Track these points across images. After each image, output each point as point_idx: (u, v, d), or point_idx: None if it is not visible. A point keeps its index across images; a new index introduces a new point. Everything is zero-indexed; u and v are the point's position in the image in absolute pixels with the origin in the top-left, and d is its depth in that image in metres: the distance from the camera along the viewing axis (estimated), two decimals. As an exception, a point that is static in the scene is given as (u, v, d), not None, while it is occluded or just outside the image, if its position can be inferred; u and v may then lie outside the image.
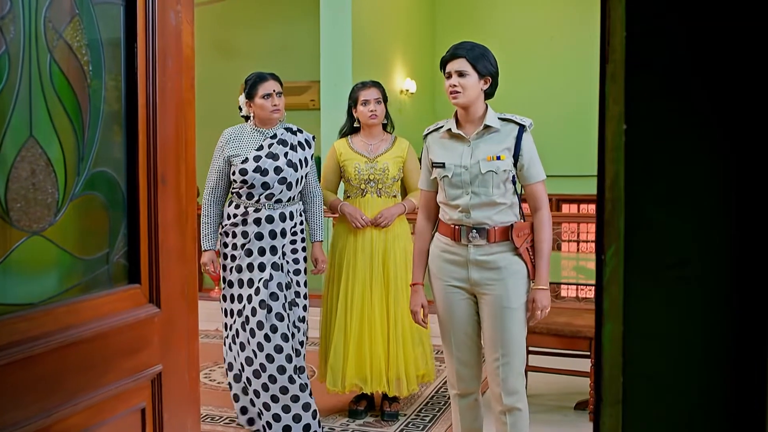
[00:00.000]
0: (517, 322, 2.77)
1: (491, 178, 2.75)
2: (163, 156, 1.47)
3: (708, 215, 1.04)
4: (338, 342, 3.84)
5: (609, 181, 1.10)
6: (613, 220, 1.11)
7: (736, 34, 1.01)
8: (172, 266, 1.53)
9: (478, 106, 2.83)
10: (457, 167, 2.78)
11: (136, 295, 1.46)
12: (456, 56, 2.83)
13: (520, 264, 2.78)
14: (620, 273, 1.10)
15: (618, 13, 1.09)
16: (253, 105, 3.60)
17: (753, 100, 1.00)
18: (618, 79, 1.09)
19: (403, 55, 8.33)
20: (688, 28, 1.03)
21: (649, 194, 1.07)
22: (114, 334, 1.39)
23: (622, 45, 1.07)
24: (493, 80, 2.85)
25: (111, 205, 1.41)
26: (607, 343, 1.13)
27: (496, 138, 2.79)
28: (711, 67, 1.02)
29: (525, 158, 2.79)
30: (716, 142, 1.02)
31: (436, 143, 2.92)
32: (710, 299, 1.04)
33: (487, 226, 2.76)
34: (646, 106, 1.07)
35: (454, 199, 2.80)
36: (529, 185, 2.84)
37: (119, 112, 1.41)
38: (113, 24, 1.39)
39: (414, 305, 2.97)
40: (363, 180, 3.88)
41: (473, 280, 2.79)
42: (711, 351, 1.04)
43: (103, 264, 1.39)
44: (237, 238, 3.54)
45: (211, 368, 4.99)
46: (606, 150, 1.11)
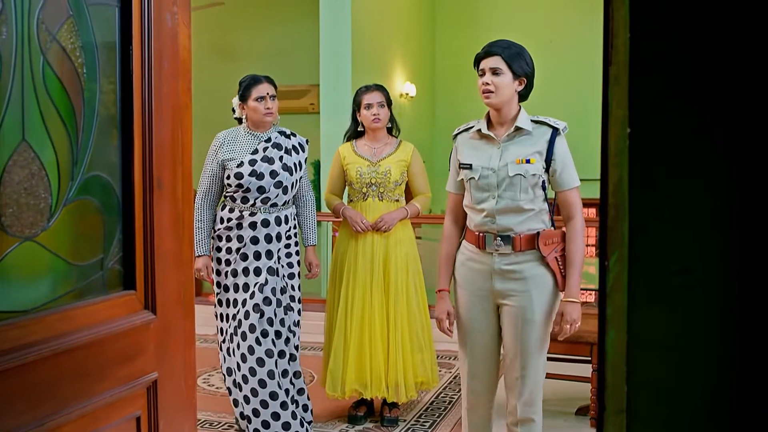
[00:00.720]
0: (539, 336, 2.67)
1: (519, 182, 2.64)
2: (159, 160, 1.45)
3: (712, 222, 1.02)
4: (338, 347, 3.82)
5: (612, 186, 1.08)
6: (616, 226, 1.09)
7: (743, 36, 0.99)
8: (168, 272, 1.51)
9: (512, 107, 2.72)
10: (485, 169, 2.68)
11: (131, 302, 1.43)
12: (490, 53, 2.70)
13: (547, 275, 2.67)
14: (624, 280, 1.08)
15: (621, 14, 1.07)
16: (246, 107, 3.58)
17: (760, 104, 0.98)
18: (621, 82, 1.07)
19: (403, 59, 8.32)
20: (693, 29, 1.01)
21: (652, 200, 1.05)
22: (108, 341, 1.36)
23: (626, 47, 1.05)
24: (528, 81, 2.73)
25: (106, 210, 1.38)
26: (610, 350, 1.11)
27: (527, 140, 2.68)
28: (717, 70, 1.00)
29: (558, 163, 2.67)
30: (721, 146, 1.00)
31: (465, 144, 2.81)
32: (714, 306, 1.02)
33: (513, 233, 2.65)
34: (651, 109, 1.04)
35: (479, 203, 2.70)
36: (562, 192, 2.72)
37: (114, 115, 1.38)
38: (108, 26, 1.36)
39: (440, 312, 2.84)
40: (365, 183, 3.86)
41: (496, 291, 2.69)
42: (715, 359, 1.02)
43: (98, 270, 1.37)
44: (232, 242, 3.52)
45: (210, 373, 4.96)
46: (609, 154, 1.09)
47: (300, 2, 9.06)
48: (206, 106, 9.62)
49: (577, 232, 2.68)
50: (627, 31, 1.05)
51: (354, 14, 6.82)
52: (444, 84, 9.39)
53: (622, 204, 1.07)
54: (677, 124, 1.03)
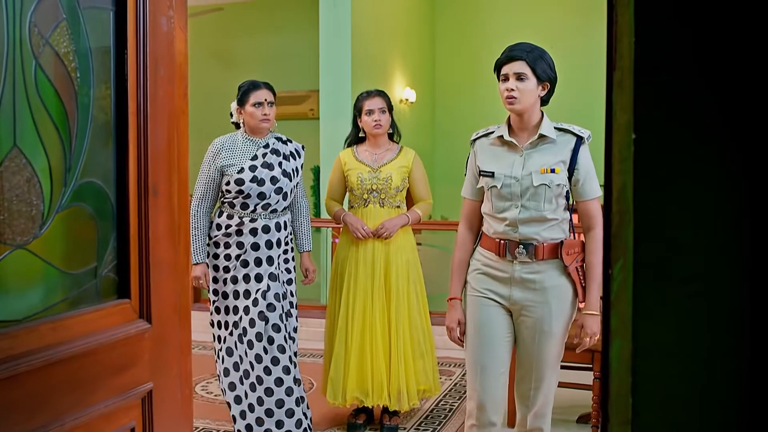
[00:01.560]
0: (555, 348, 2.61)
1: (543, 192, 2.56)
2: (154, 166, 1.43)
3: (721, 228, 0.99)
4: (339, 354, 3.79)
5: (616, 193, 1.06)
6: (620, 233, 1.06)
7: (749, 40, 0.97)
8: (164, 280, 1.48)
9: (534, 113, 2.63)
10: (508, 178, 2.59)
11: (126, 311, 1.40)
12: (514, 58, 2.60)
13: (567, 286, 2.61)
14: (629, 288, 1.05)
15: (626, 18, 1.05)
16: (244, 112, 3.57)
17: (767, 108, 0.96)
18: (625, 87, 1.05)
19: (403, 64, 8.31)
20: (699, 33, 0.99)
21: (658, 206, 1.02)
22: (102, 351, 1.34)
23: (630, 51, 1.03)
24: (551, 86, 2.65)
25: (99, 217, 1.36)
26: (615, 361, 1.08)
27: (552, 149, 2.60)
28: (723, 74, 0.98)
29: (581, 172, 2.60)
30: (729, 151, 0.98)
31: (484, 150, 2.71)
32: (723, 315, 1.00)
33: (535, 242, 2.57)
34: (656, 114, 1.02)
35: (501, 212, 2.61)
36: (584, 202, 2.65)
37: (108, 120, 1.36)
38: (102, 29, 1.34)
39: (450, 321, 2.74)
40: (366, 190, 3.83)
41: (514, 300, 2.61)
42: (724, 369, 0.99)
43: (91, 278, 1.34)
44: (231, 249, 3.49)
45: (209, 381, 4.93)
46: (613, 161, 1.07)
47: (300, 7, 9.06)
48: (205, 112, 9.62)
49: (598, 243, 2.61)
50: (631, 35, 1.03)
51: (354, 20, 6.81)
52: (444, 90, 9.38)
53: (626, 211, 1.04)
54: (683, 130, 1.00)
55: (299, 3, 9.13)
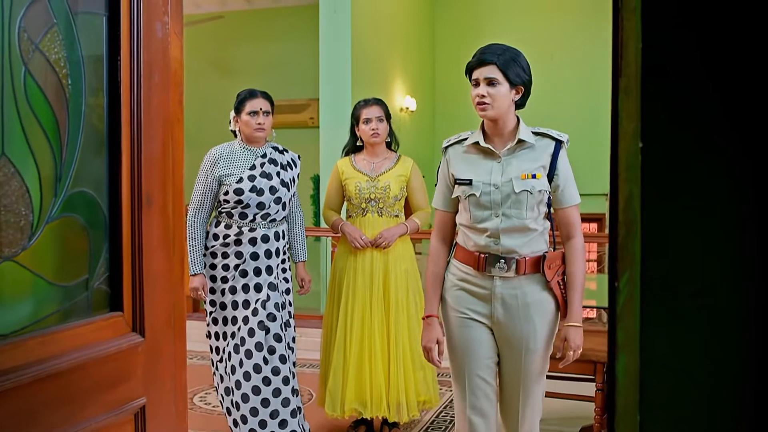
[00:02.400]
0: (540, 364, 2.50)
1: (525, 199, 2.44)
2: (148, 175, 1.39)
3: (732, 240, 0.96)
4: (337, 365, 3.75)
5: (623, 203, 1.02)
6: (627, 245, 1.03)
7: (762, 45, 0.93)
8: (158, 292, 1.45)
9: (509, 118, 2.50)
10: (486, 185, 2.46)
11: (118, 324, 1.37)
12: (484, 62, 2.46)
13: (550, 300, 2.49)
14: (635, 302, 1.02)
15: (632, 24, 1.01)
16: (240, 121, 3.55)
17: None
18: (632, 94, 1.02)
19: (403, 73, 8.29)
20: (709, 38, 0.96)
21: (667, 217, 0.99)
22: (93, 365, 1.30)
23: (637, 57, 1.00)
24: (525, 90, 2.51)
25: (91, 228, 1.32)
26: (621, 376, 1.05)
27: (531, 154, 2.48)
28: (734, 80, 0.94)
29: (561, 178, 2.49)
30: (739, 160, 0.94)
31: (458, 157, 2.57)
32: (734, 331, 0.96)
33: (517, 255, 2.45)
34: (664, 122, 0.99)
35: (481, 222, 2.47)
36: (563, 209, 2.53)
37: (101, 128, 1.32)
38: (95, 35, 1.31)
39: (428, 341, 2.59)
40: (364, 199, 3.80)
41: (496, 317, 2.48)
42: (735, 386, 0.96)
43: (82, 291, 1.31)
44: (229, 259, 3.46)
45: (207, 391, 4.88)
46: (619, 169, 1.03)
47: (300, 16, 9.05)
48: (204, 120, 9.60)
49: (579, 253, 2.51)
50: (638, 40, 0.99)
51: (354, 28, 6.80)
52: (444, 98, 9.36)
53: (632, 221, 1.01)
54: (691, 137, 0.97)
55: (299, 11, 9.12)
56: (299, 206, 3.74)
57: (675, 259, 0.98)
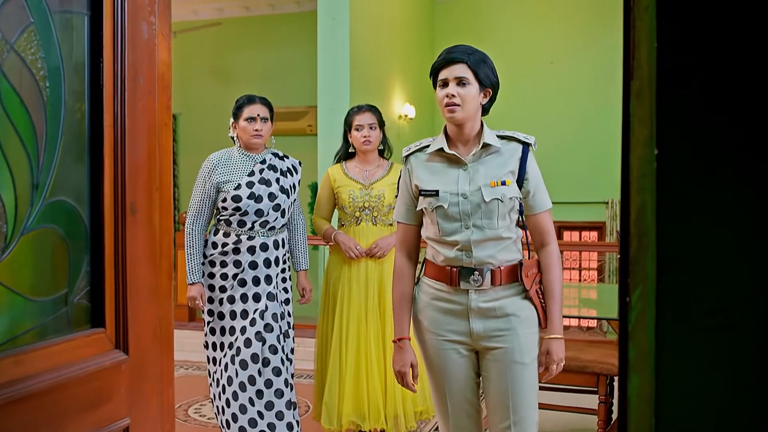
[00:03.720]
0: (529, 380, 2.34)
1: (496, 208, 2.30)
2: (132, 183, 1.32)
3: (753, 255, 0.89)
4: (333, 378, 3.67)
5: (634, 214, 0.96)
6: (639, 258, 0.96)
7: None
8: (143, 306, 1.37)
9: (476, 122, 2.37)
10: (454, 195, 2.32)
11: (100, 340, 1.29)
12: (454, 60, 2.33)
13: (531, 309, 2.35)
14: (648, 318, 0.95)
15: (644, 23, 0.94)
16: (237, 127, 3.50)
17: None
18: (644, 98, 0.95)
19: (402, 80, 8.24)
20: (728, 38, 0.89)
21: (684, 230, 0.92)
22: (73, 385, 1.22)
23: (651, 59, 0.93)
24: (493, 93, 2.39)
25: (71, 239, 1.25)
26: (633, 397, 0.98)
27: (497, 159, 2.34)
28: (759, 82, 0.88)
29: (531, 183, 2.36)
30: (764, 170, 0.88)
31: (421, 166, 2.41)
32: (755, 351, 0.90)
33: (492, 266, 2.31)
34: (681, 127, 0.92)
35: (450, 235, 2.33)
36: (535, 215, 2.40)
37: (82, 134, 1.25)
38: (76, 35, 1.24)
39: (401, 365, 2.43)
40: (358, 207, 3.74)
41: (476, 333, 2.33)
42: (757, 410, 0.89)
43: (61, 306, 1.23)
44: (227, 268, 3.39)
45: (202, 403, 4.80)
46: (631, 178, 0.96)
47: (298, 23, 9.01)
48: (202, 127, 9.54)
49: (555, 260, 2.38)
50: (653, 41, 0.92)
51: (352, 36, 6.75)
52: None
53: (645, 234, 0.94)
54: (712, 144, 0.90)
55: (297, 18, 9.08)
56: (301, 213, 3.68)
57: (692, 274, 0.92)
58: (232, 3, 9.32)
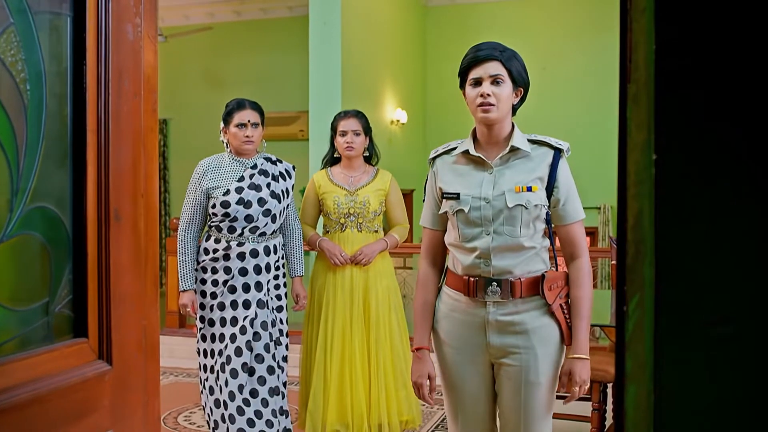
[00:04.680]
0: (545, 399, 2.25)
1: (520, 215, 2.19)
2: (116, 189, 1.28)
3: (756, 263, 0.87)
4: (317, 386, 3.64)
5: (632, 221, 0.93)
6: (636, 266, 0.93)
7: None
8: (127, 315, 1.34)
9: (507, 123, 2.27)
10: (476, 199, 2.22)
11: (83, 351, 1.25)
12: (487, 58, 2.21)
13: (552, 326, 2.24)
14: (646, 328, 0.93)
15: (642, 25, 0.92)
16: (228, 132, 3.46)
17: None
18: (641, 102, 0.92)
19: (393, 85, 8.22)
20: (732, 38, 0.86)
21: (683, 236, 0.89)
22: (54, 397, 1.18)
23: (649, 61, 0.90)
24: (524, 92, 2.30)
25: (53, 247, 1.21)
26: (630, 409, 0.95)
27: (526, 164, 2.24)
28: (762, 84, 0.85)
29: (561, 191, 2.24)
30: (765, 175, 0.85)
31: (446, 169, 2.33)
32: (757, 362, 0.87)
33: (511, 277, 2.20)
34: (681, 131, 0.89)
35: (469, 241, 2.23)
36: (565, 226, 2.28)
37: (64, 138, 1.22)
38: (58, 37, 1.20)
39: (418, 376, 2.33)
40: (342, 214, 3.71)
41: (493, 348, 2.23)
42: (758, 423, 0.87)
43: (42, 316, 1.19)
44: (218, 274, 3.36)
45: (192, 410, 4.75)
46: (628, 184, 0.94)
47: (289, 28, 8.99)
48: (194, 132, 9.49)
49: (584, 275, 2.26)
50: (651, 42, 0.90)
51: (344, 41, 6.73)
52: (435, 110, 9.30)
53: (642, 241, 0.91)
54: (711, 149, 0.87)
55: (289, 23, 9.06)
56: (297, 219, 3.65)
57: (692, 282, 0.89)
58: (223, 7, 9.29)
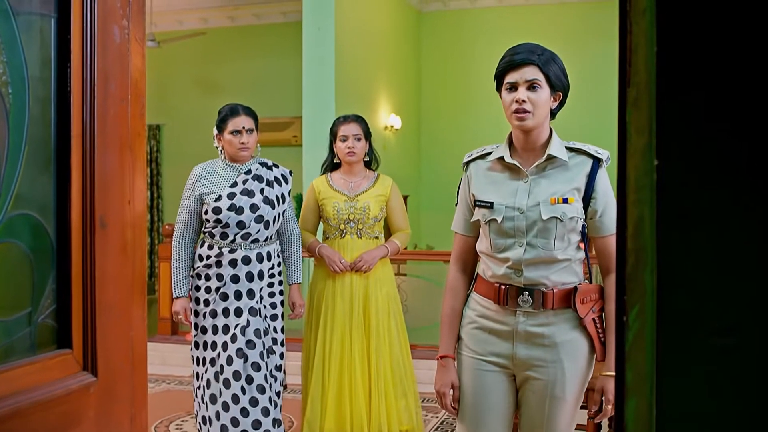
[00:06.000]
0: (568, 416, 2.19)
1: (554, 227, 2.12)
2: (102, 195, 1.25)
3: (762, 271, 0.84)
4: (315, 394, 3.61)
5: (632, 228, 0.90)
6: (636, 275, 0.90)
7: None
8: (113, 325, 1.30)
9: (544, 129, 2.19)
10: (510, 209, 2.15)
11: (67, 362, 1.22)
12: (524, 62, 2.13)
13: (582, 340, 2.18)
14: (646, 338, 0.90)
15: (642, 27, 0.89)
16: (222, 139, 3.44)
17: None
18: (642, 105, 0.90)
19: (388, 91, 8.20)
20: (738, 39, 0.84)
21: (687, 243, 0.86)
22: (36, 411, 1.14)
23: (650, 63, 0.87)
24: (563, 97, 2.22)
25: (35, 255, 1.17)
26: (631, 422, 0.93)
27: (563, 174, 2.17)
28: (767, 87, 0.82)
29: (599, 202, 2.17)
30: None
31: (481, 175, 2.26)
32: (763, 375, 0.84)
33: (544, 288, 2.14)
34: (684, 135, 0.86)
35: (502, 251, 2.17)
36: (602, 238, 2.21)
37: (48, 143, 1.18)
38: (42, 39, 1.17)
39: (442, 385, 2.27)
40: (342, 220, 3.68)
41: (519, 359, 2.18)
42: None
43: (24, 326, 1.16)
44: (211, 281, 3.33)
45: (183, 419, 4.71)
46: (628, 190, 0.91)
47: (283, 33, 8.97)
48: (187, 137, 9.45)
49: None
50: (652, 45, 0.87)
51: (337, 46, 6.71)
52: (429, 116, 9.28)
53: (643, 248, 0.89)
54: (715, 154, 0.85)
55: (282, 28, 9.04)
56: (296, 224, 3.62)
57: (696, 291, 0.87)
58: (216, 13, 9.27)
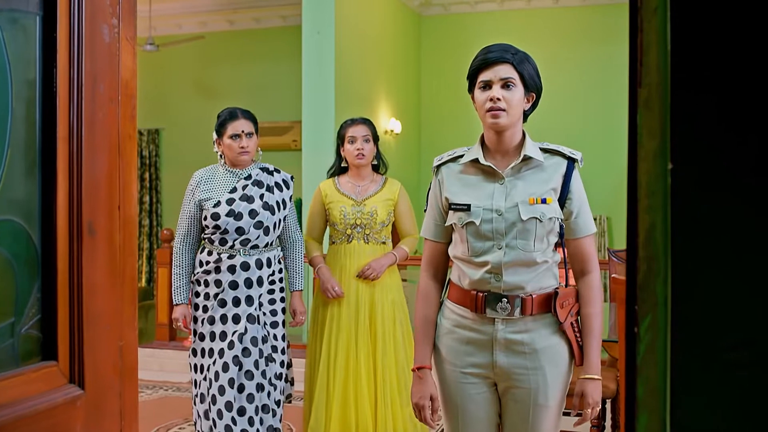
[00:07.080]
0: (553, 423, 2.17)
1: (534, 228, 2.11)
2: (90, 200, 1.20)
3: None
4: (320, 401, 3.55)
5: (643, 236, 0.86)
6: (648, 284, 0.86)
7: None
8: (102, 336, 1.25)
9: (517, 130, 2.18)
10: (487, 211, 2.12)
11: (52, 374, 1.17)
12: (498, 60, 2.12)
13: (562, 345, 2.16)
14: (659, 351, 0.86)
15: (654, 25, 0.84)
16: (222, 144, 3.39)
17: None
18: (654, 107, 0.85)
19: (388, 95, 8.16)
20: (755, 35, 0.79)
21: (701, 253, 0.82)
22: (20, 426, 1.10)
23: (663, 63, 0.83)
24: (536, 98, 2.21)
25: (19, 263, 1.12)
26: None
27: (539, 175, 2.16)
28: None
29: (575, 203, 2.18)
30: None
31: (453, 178, 2.23)
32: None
33: (523, 293, 2.11)
34: (699, 138, 0.82)
35: (480, 255, 2.13)
36: (576, 240, 2.21)
37: (32, 146, 1.14)
38: (26, 37, 1.12)
39: (419, 397, 2.23)
40: (349, 225, 3.62)
41: (499, 368, 2.14)
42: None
43: (7, 337, 1.11)
44: (210, 287, 3.29)
45: (181, 426, 4.65)
46: (639, 195, 0.86)
47: (282, 37, 8.93)
48: (186, 142, 9.41)
49: (595, 291, 2.17)
50: (665, 43, 0.83)
51: (337, 50, 6.67)
52: (430, 120, 9.24)
53: (655, 257, 0.84)
54: (732, 157, 0.80)
55: (282, 32, 9.00)
56: (297, 230, 3.56)
57: (710, 303, 0.82)
58: (215, 17, 9.24)
